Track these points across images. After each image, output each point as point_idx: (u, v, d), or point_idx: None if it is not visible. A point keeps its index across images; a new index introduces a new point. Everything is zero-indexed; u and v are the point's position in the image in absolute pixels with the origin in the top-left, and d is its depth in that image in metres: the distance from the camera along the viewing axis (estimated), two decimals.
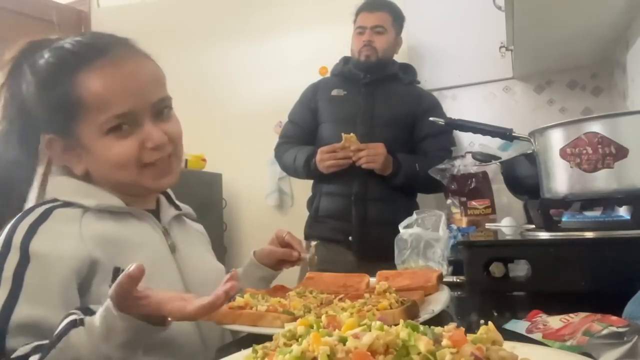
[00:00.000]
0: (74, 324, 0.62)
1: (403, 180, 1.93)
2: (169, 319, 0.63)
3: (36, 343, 0.64)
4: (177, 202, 0.98)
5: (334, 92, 2.07)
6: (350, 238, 1.94)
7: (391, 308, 0.72)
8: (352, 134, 1.88)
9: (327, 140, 1.98)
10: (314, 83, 2.18)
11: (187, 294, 0.64)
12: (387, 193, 1.96)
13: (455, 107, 2.35)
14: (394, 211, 1.87)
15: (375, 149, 1.89)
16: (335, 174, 1.95)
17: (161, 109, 0.82)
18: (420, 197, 2.35)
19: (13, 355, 0.64)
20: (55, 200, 0.80)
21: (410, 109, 2.03)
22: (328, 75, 2.24)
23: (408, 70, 2.15)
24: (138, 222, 0.84)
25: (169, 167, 0.84)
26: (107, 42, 0.80)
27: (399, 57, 2.43)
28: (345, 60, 2.16)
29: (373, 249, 1.84)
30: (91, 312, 0.64)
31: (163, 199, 0.94)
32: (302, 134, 2.09)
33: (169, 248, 0.87)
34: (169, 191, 0.97)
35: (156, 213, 0.90)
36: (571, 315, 0.62)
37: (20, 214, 0.76)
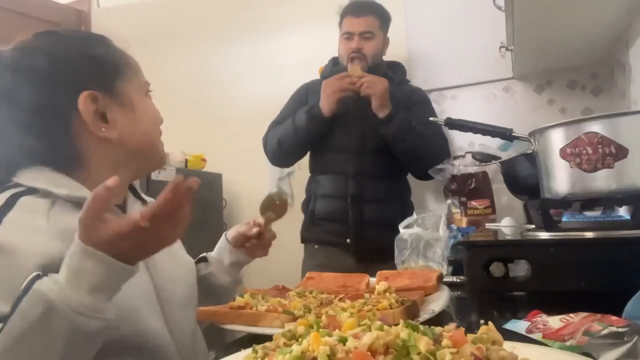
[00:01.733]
0: (38, 277, 0.60)
1: (396, 129, 1.85)
2: (139, 256, 0.62)
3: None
4: (144, 196, 0.95)
5: None
6: (348, 240, 1.91)
7: (391, 308, 0.72)
8: (357, 65, 1.86)
9: (323, 139, 1.96)
10: (306, 83, 2.15)
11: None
12: (383, 193, 1.94)
13: (455, 107, 2.35)
14: (390, 212, 1.89)
15: (378, 79, 1.85)
16: (330, 173, 1.95)
17: None
18: (420, 197, 2.36)
19: None
20: (17, 184, 0.76)
21: (402, 106, 1.98)
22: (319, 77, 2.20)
23: (397, 69, 2.12)
24: None
25: None
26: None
27: (399, 57, 2.43)
28: (335, 61, 2.13)
29: (371, 251, 1.84)
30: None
31: (129, 193, 0.92)
32: None
33: None
34: (136, 184, 0.95)
35: (123, 208, 0.87)
36: (571, 315, 0.62)
37: None
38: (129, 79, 0.83)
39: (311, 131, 1.93)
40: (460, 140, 2.26)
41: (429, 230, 1.18)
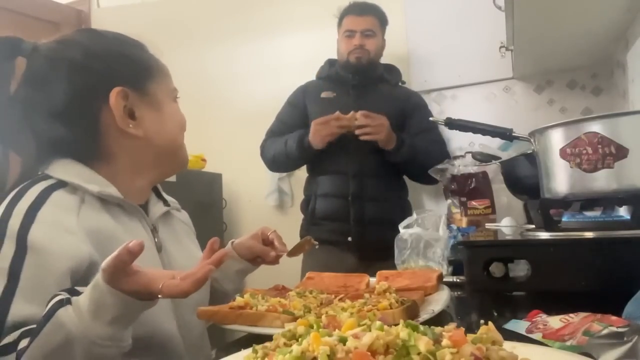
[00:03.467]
0: (61, 304, 0.61)
1: (405, 156, 1.90)
2: (159, 295, 0.63)
3: (24, 328, 0.63)
4: (165, 196, 0.97)
5: (324, 95, 2.06)
6: (349, 239, 1.93)
7: (391, 308, 0.72)
8: (352, 114, 1.86)
9: None
10: (302, 85, 2.16)
11: (176, 271, 0.64)
12: (383, 192, 1.96)
13: (455, 107, 2.35)
14: (390, 210, 1.92)
15: (379, 120, 1.86)
16: (330, 173, 1.96)
17: None
18: (420, 197, 2.36)
19: (1, 343, 0.63)
20: (46, 176, 0.78)
21: (400, 108, 2.04)
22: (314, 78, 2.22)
23: (392, 71, 2.15)
24: (128, 218, 0.83)
25: None
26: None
27: (399, 56, 2.43)
28: (331, 62, 2.15)
29: (372, 249, 1.85)
30: (78, 293, 0.63)
31: (152, 194, 0.93)
32: (288, 131, 2.05)
33: (155, 247, 0.86)
34: (158, 185, 0.96)
35: (145, 208, 0.88)
36: (571, 315, 0.62)
37: (12, 194, 0.74)
38: (159, 82, 0.86)
39: (303, 158, 1.99)
40: (460, 140, 2.26)
41: (429, 230, 1.18)
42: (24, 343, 0.61)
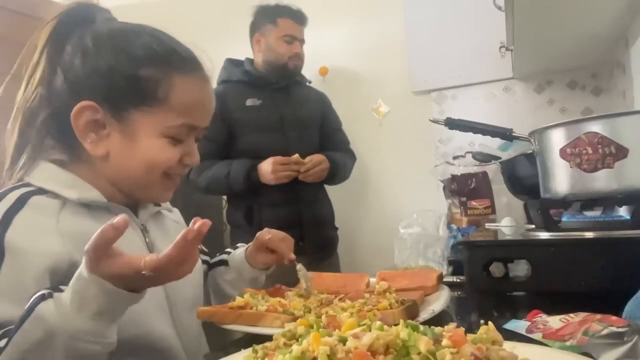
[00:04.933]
0: (43, 298, 0.59)
1: (339, 179, 2.12)
2: (144, 272, 0.58)
3: (4, 329, 0.61)
4: None
5: (249, 102, 2.00)
6: (300, 243, 1.88)
7: (391, 308, 0.72)
8: (297, 155, 1.93)
9: (251, 150, 1.95)
10: (217, 91, 2.02)
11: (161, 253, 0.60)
12: (320, 193, 2.11)
13: (455, 107, 2.35)
14: (328, 209, 2.15)
15: (320, 163, 1.97)
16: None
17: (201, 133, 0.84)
18: (420, 197, 2.36)
19: None
20: (27, 184, 0.76)
21: (319, 107, 2.16)
22: (226, 83, 2.09)
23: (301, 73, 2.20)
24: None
25: (175, 185, 0.84)
26: (199, 57, 0.84)
27: (400, 57, 2.43)
28: (236, 63, 2.11)
29: (319, 250, 2.00)
30: (60, 291, 0.61)
31: None
32: (217, 150, 1.96)
33: (147, 247, 0.83)
34: None
35: (134, 209, 0.86)
36: (571, 315, 0.62)
37: None
38: (152, 114, 0.76)
39: (249, 190, 1.95)
40: (460, 140, 2.26)
41: (429, 230, 1.18)
42: (2, 343, 0.59)
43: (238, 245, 1.07)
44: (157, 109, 0.76)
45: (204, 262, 1.04)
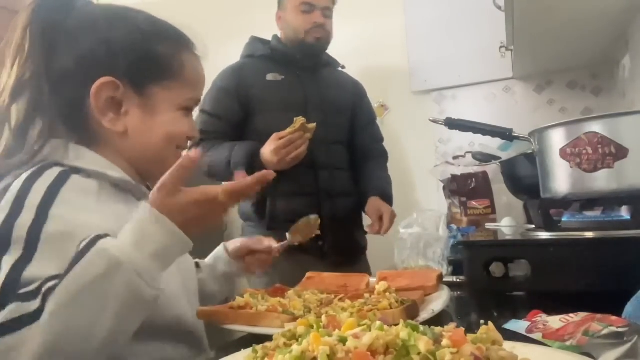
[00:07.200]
0: (99, 237, 0.59)
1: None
2: (221, 197, 0.65)
3: (47, 277, 0.58)
4: None
5: (270, 77, 1.72)
6: (320, 243, 1.61)
7: (391, 308, 0.72)
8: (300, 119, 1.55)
9: (268, 130, 1.58)
10: (233, 67, 1.78)
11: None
12: (346, 183, 1.76)
13: (455, 107, 2.35)
14: (356, 205, 1.76)
15: (393, 219, 1.68)
16: (292, 169, 1.58)
17: None
18: (420, 197, 2.36)
19: (21, 291, 0.56)
20: (57, 163, 0.72)
21: (351, 95, 1.87)
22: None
23: (330, 56, 1.91)
24: (137, 204, 0.78)
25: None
26: (199, 34, 0.89)
27: (399, 57, 2.43)
28: (263, 41, 1.85)
29: (344, 254, 1.68)
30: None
31: None
32: (228, 128, 1.69)
33: None
34: None
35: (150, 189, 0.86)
36: (571, 315, 0.62)
37: (29, 172, 0.68)
38: (169, 88, 0.79)
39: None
40: (460, 140, 2.26)
41: (428, 230, 1.18)
42: (50, 284, 0.56)
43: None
44: (175, 83, 0.80)
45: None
